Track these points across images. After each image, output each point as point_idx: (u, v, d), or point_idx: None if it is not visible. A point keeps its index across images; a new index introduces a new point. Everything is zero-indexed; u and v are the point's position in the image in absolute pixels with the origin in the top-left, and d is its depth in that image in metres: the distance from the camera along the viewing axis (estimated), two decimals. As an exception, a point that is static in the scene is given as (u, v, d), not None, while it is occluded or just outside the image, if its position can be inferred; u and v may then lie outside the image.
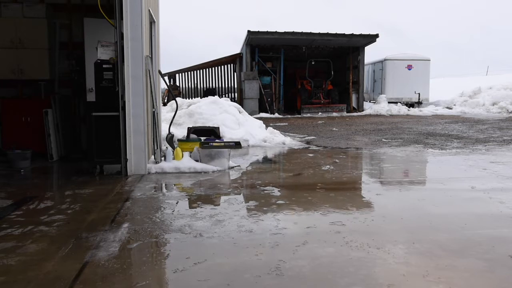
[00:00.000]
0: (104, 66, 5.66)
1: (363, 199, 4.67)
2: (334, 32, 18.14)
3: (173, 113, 7.18)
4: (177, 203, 4.31)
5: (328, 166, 6.32)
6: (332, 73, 19.47)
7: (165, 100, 18.06)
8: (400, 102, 20.05)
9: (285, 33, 17.84)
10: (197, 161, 6.14)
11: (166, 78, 17.83)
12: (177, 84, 24.21)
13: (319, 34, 18.06)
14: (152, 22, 6.87)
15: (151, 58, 6.39)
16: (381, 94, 20.74)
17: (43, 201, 4.42)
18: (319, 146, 8.70)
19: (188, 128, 7.54)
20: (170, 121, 7.09)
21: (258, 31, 17.57)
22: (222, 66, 24.25)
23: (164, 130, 7.53)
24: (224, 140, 6.85)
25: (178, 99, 8.87)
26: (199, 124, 8.91)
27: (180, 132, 8.20)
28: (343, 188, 5.06)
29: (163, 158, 6.12)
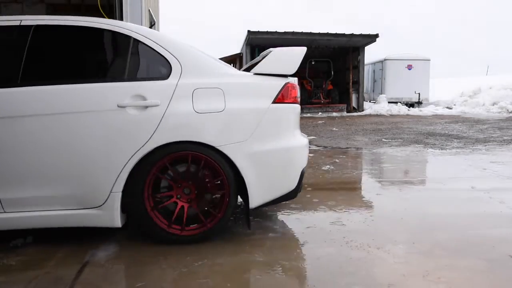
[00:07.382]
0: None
1: (363, 199, 4.67)
2: (334, 32, 18.18)
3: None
4: (177, 203, 4.30)
5: (328, 166, 6.33)
6: (332, 73, 19.48)
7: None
8: (400, 102, 20.07)
9: (285, 33, 17.84)
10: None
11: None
12: (177, 84, 24.18)
13: (319, 34, 18.08)
14: (152, 23, 6.87)
15: (151, 58, 6.38)
16: (381, 94, 20.77)
17: (43, 201, 4.42)
18: (319, 146, 8.70)
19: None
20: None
21: (258, 31, 17.56)
22: (222, 66, 24.24)
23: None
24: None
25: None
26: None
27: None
28: (343, 188, 5.06)
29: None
